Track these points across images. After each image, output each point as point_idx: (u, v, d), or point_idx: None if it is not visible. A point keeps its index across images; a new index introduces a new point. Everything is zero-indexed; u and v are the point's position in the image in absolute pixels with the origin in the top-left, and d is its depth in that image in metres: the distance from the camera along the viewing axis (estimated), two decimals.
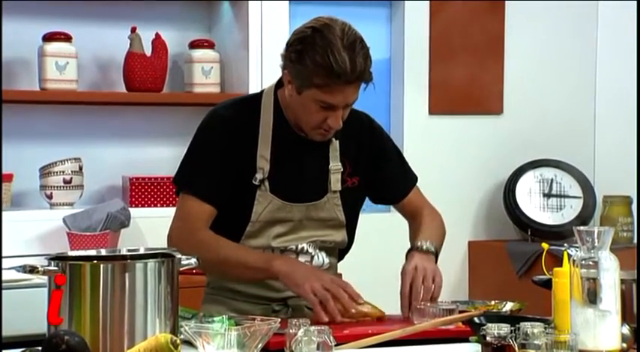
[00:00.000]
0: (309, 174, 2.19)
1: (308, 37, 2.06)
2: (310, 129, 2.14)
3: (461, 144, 3.96)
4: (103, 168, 3.53)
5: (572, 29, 4.07)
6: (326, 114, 2.09)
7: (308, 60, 2.04)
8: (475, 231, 4.00)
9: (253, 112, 2.17)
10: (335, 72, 2.01)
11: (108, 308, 1.62)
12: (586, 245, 1.74)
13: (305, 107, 2.10)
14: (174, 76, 3.61)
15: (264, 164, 2.13)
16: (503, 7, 3.97)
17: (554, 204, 3.89)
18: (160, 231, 3.40)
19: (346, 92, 2.06)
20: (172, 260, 1.69)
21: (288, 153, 2.17)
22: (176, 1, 3.63)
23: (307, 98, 2.08)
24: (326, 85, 2.03)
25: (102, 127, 3.57)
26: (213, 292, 2.24)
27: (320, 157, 2.20)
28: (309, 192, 2.18)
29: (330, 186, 2.20)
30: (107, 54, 3.54)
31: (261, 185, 2.13)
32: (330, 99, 2.06)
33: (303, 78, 2.06)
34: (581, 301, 1.73)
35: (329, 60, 2.01)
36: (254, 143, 2.14)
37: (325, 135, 2.15)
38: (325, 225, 2.21)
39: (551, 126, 4.05)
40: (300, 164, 2.18)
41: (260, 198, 2.14)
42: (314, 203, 2.18)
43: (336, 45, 2.02)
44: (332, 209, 2.20)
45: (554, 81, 4.07)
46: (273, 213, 2.15)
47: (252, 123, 2.16)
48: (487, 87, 3.98)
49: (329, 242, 2.23)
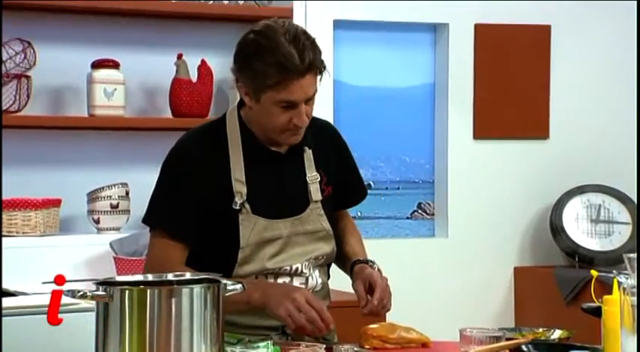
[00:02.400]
0: (289, 187, 2.16)
1: (251, 41, 2.07)
2: (279, 134, 2.10)
3: (506, 169, 3.93)
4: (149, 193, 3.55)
5: (618, 52, 4.04)
6: (290, 115, 2.06)
7: (256, 63, 2.02)
8: (521, 257, 3.96)
9: (219, 137, 2.14)
10: (285, 67, 1.99)
11: (155, 333, 1.63)
12: (636, 272, 1.71)
13: (267, 113, 2.07)
14: (220, 102, 3.64)
15: (240, 187, 2.10)
16: (549, 31, 3.95)
17: (602, 230, 3.84)
18: None
19: (303, 85, 2.02)
20: (218, 285, 1.70)
21: (264, 171, 2.14)
22: (221, 28, 3.67)
23: (267, 102, 2.05)
24: (280, 82, 2.01)
25: (148, 152, 3.60)
26: None
27: (296, 169, 2.17)
28: (291, 206, 2.15)
29: (310, 196, 2.17)
30: (154, 80, 3.58)
31: (242, 208, 2.10)
32: (288, 96, 2.03)
33: (257, 82, 2.04)
34: (631, 329, 1.70)
35: (276, 57, 1.99)
36: (226, 169, 2.11)
37: (295, 135, 2.11)
38: (314, 238, 2.18)
39: (599, 150, 4.01)
40: (278, 179, 2.15)
41: (244, 221, 2.10)
42: (298, 217, 2.15)
43: (280, 41, 2.01)
44: (316, 220, 2.17)
45: (601, 104, 4.03)
46: (261, 233, 2.11)
47: (220, 149, 2.12)
48: (533, 111, 3.95)
49: (321, 256, 2.19)
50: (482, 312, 3.85)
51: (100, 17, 3.48)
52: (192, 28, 3.63)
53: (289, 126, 2.08)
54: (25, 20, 3.34)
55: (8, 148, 3.22)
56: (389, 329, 2.11)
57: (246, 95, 2.10)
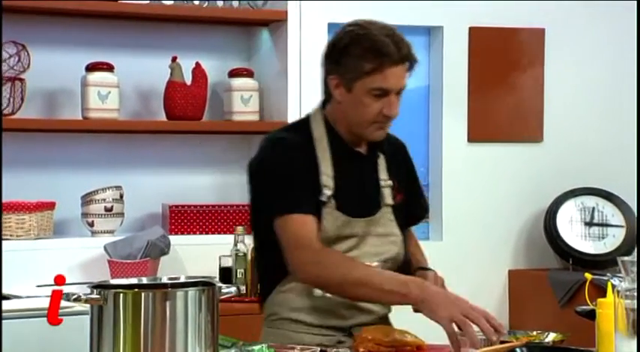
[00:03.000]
0: (367, 188, 2.22)
1: (347, 32, 2.16)
2: (367, 126, 2.16)
3: (500, 172, 3.94)
4: (143, 196, 3.56)
5: (613, 54, 4.04)
6: (381, 104, 2.12)
7: (354, 50, 2.11)
8: (515, 260, 3.96)
9: (306, 134, 2.20)
10: (382, 53, 2.08)
11: (149, 337, 1.63)
12: (630, 275, 1.72)
13: (358, 103, 2.13)
14: (214, 105, 3.64)
15: (328, 181, 2.16)
16: (543, 34, 3.96)
17: (596, 233, 3.85)
18: (199, 258, 3.44)
19: (397, 74, 2.11)
20: (213, 288, 1.70)
21: (347, 169, 2.19)
22: (216, 31, 3.67)
23: (359, 92, 2.12)
24: (376, 68, 2.09)
25: (142, 155, 3.60)
26: (273, 324, 2.20)
27: (372, 172, 2.24)
28: (366, 207, 2.21)
29: (383, 200, 2.22)
30: (148, 83, 3.58)
31: (327, 202, 2.15)
32: (383, 83, 2.10)
33: (353, 70, 2.11)
34: (625, 333, 1.70)
35: (373, 44, 2.09)
36: (315, 162, 2.17)
37: (381, 130, 2.17)
38: (385, 241, 2.22)
39: (593, 153, 4.01)
40: (358, 178, 2.21)
41: (327, 215, 2.15)
42: (371, 218, 2.20)
43: (375, 32, 2.12)
44: (387, 224, 2.22)
45: (595, 108, 4.04)
46: (339, 229, 2.16)
47: (309, 144, 2.19)
48: (527, 114, 3.95)
49: (390, 259, 2.22)
50: None
51: (94, 20, 3.48)
52: (186, 31, 3.63)
53: (379, 117, 2.14)
54: (19, 23, 3.34)
55: (2, 151, 3.21)
56: (383, 332, 2.10)
57: (337, 88, 2.16)
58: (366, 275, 2.06)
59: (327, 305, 2.16)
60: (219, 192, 3.70)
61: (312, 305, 2.16)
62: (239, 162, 3.76)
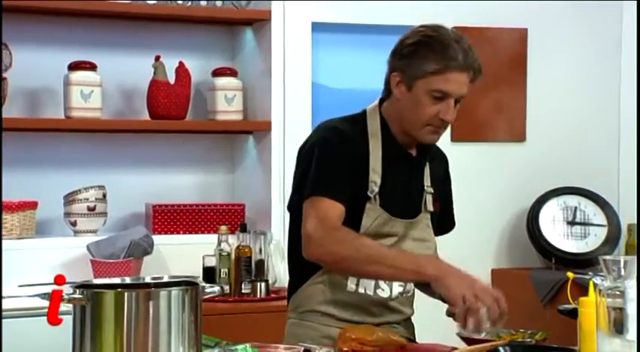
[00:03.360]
0: (412, 191, 2.24)
1: (418, 32, 2.18)
2: (421, 127, 2.17)
3: (483, 172, 3.95)
4: (127, 196, 3.55)
5: (595, 55, 4.06)
6: (438, 107, 2.14)
7: (423, 50, 2.14)
8: (498, 259, 3.98)
9: (362, 128, 2.22)
10: (450, 55, 2.11)
11: (132, 337, 1.62)
12: (612, 274, 1.73)
13: (417, 103, 2.15)
14: (198, 104, 3.63)
15: (376, 178, 2.17)
16: (526, 34, 3.97)
17: (578, 232, 3.87)
18: (183, 257, 3.44)
19: (459, 80, 2.13)
20: (196, 288, 1.69)
21: (395, 169, 2.21)
22: (199, 30, 3.66)
23: (419, 91, 2.14)
24: (441, 70, 2.11)
25: (125, 155, 3.59)
26: (301, 316, 2.21)
27: (418, 176, 2.26)
28: (409, 209, 2.22)
29: (424, 205, 2.25)
30: (131, 82, 3.57)
31: (372, 198, 2.16)
32: (444, 86, 2.12)
33: (417, 68, 2.13)
34: (607, 331, 1.71)
35: (442, 47, 2.12)
36: (366, 157, 2.18)
37: (435, 134, 2.19)
38: (421, 246, 2.23)
39: (575, 153, 4.04)
40: (406, 180, 2.23)
41: (369, 211, 2.16)
42: (412, 220, 2.22)
43: (447, 36, 2.15)
44: (425, 229, 2.25)
45: (577, 108, 4.06)
46: (380, 226, 2.17)
47: (364, 139, 2.20)
48: (510, 114, 3.97)
49: None
50: None
51: (77, 19, 3.47)
52: (169, 30, 3.62)
53: (434, 120, 2.15)
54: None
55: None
56: (367, 331, 2.11)
57: (398, 85, 2.17)
58: (379, 252, 2.08)
59: (358, 301, 2.17)
60: (203, 192, 3.69)
61: (343, 300, 2.17)
62: (223, 161, 3.76)
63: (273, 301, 3.27)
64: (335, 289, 2.17)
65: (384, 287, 2.18)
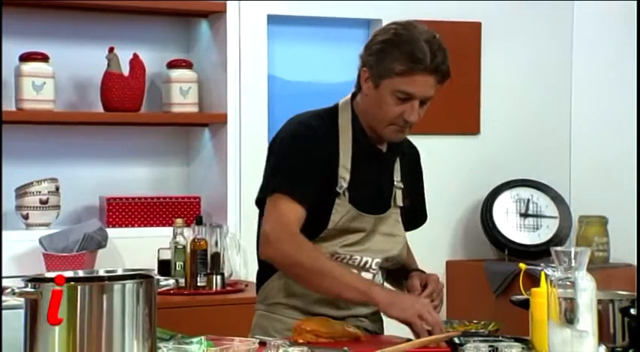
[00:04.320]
0: (381, 186, 2.24)
1: (390, 29, 2.16)
2: (385, 126, 2.17)
3: (438, 165, 3.97)
4: (80, 189, 3.51)
5: (547, 50, 4.12)
6: (403, 108, 2.14)
7: (391, 49, 2.12)
8: (453, 251, 4.01)
9: (333, 123, 2.22)
10: (417, 58, 2.10)
11: (85, 331, 1.61)
12: (563, 265, 1.75)
13: (382, 101, 2.15)
14: (152, 96, 3.61)
15: (345, 174, 2.18)
16: (479, 28, 4.01)
17: (530, 224, 3.92)
18: (138, 251, 3.41)
19: (425, 82, 2.13)
20: (151, 281, 1.69)
21: (365, 165, 2.21)
22: (154, 22, 3.63)
23: (385, 90, 2.14)
24: (407, 71, 2.11)
25: (79, 147, 3.55)
26: (268, 308, 2.22)
27: (389, 171, 2.26)
28: (378, 205, 2.23)
29: (394, 201, 2.25)
30: (84, 74, 3.53)
31: (341, 194, 2.17)
32: (409, 88, 2.12)
33: (384, 67, 2.13)
34: (558, 321, 1.73)
35: (411, 48, 2.10)
36: (336, 153, 2.18)
37: (399, 133, 2.19)
38: (390, 241, 2.25)
39: (528, 146, 4.09)
40: (374, 176, 2.23)
41: (338, 206, 2.17)
42: (381, 216, 2.23)
43: (417, 37, 2.12)
44: (394, 224, 2.26)
45: (530, 102, 4.11)
46: (348, 222, 2.18)
47: (334, 134, 2.20)
48: (464, 107, 4.00)
49: (392, 258, 2.25)
50: None
51: (29, 9, 3.42)
52: (123, 22, 3.58)
53: (398, 120, 2.15)
54: None
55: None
56: (322, 323, 2.12)
57: (366, 81, 2.17)
58: (332, 267, 2.11)
59: (326, 295, 2.18)
60: (158, 184, 3.67)
61: (310, 293, 2.18)
62: (178, 154, 3.74)
63: (228, 294, 3.26)
64: None
65: None
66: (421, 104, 2.17)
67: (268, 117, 3.65)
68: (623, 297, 1.95)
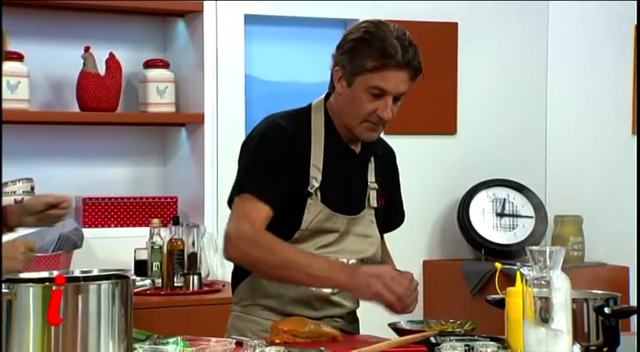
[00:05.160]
0: (354, 187, 2.24)
1: (361, 27, 2.18)
2: (359, 124, 2.18)
3: (415, 164, 3.99)
4: (56, 189, 3.47)
5: (523, 51, 4.14)
6: (376, 105, 2.15)
7: (363, 46, 2.14)
8: (430, 251, 4.03)
9: (305, 123, 2.22)
10: (388, 54, 2.11)
11: (60, 331, 1.60)
12: (538, 264, 1.76)
13: (355, 99, 2.16)
14: (129, 96, 3.59)
15: (317, 174, 2.18)
16: (456, 29, 4.02)
17: (507, 224, 3.94)
18: (114, 251, 3.40)
19: (398, 78, 2.14)
20: (127, 281, 1.68)
21: (338, 165, 2.21)
22: (130, 21, 3.62)
23: (358, 88, 2.15)
24: (379, 67, 2.12)
25: (54, 147, 3.53)
26: (243, 310, 2.22)
27: (362, 172, 2.26)
28: (352, 205, 2.23)
29: (368, 201, 2.25)
30: (60, 73, 3.51)
31: (313, 194, 2.17)
32: (382, 84, 2.13)
33: (357, 64, 2.14)
34: (533, 320, 1.75)
35: (382, 44, 2.12)
36: (308, 153, 2.19)
37: (373, 131, 2.19)
38: (364, 242, 2.25)
39: (504, 146, 4.11)
40: (348, 176, 2.23)
41: (311, 206, 2.17)
42: (355, 216, 2.23)
43: (388, 34, 2.14)
44: (368, 225, 2.25)
45: (506, 102, 4.13)
46: (321, 222, 2.18)
47: (306, 134, 2.21)
48: (440, 107, 4.02)
49: (367, 259, 2.25)
50: None
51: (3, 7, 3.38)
52: (100, 21, 3.57)
53: (372, 117, 2.16)
54: None
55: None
56: (299, 323, 2.12)
57: (340, 80, 2.18)
58: (294, 258, 2.10)
59: (300, 295, 2.18)
60: (134, 184, 3.65)
61: (285, 294, 2.18)
62: (155, 153, 3.73)
63: (205, 294, 3.26)
64: (277, 283, 2.18)
65: None
66: (395, 100, 2.18)
67: (245, 117, 3.65)
68: (598, 296, 1.97)
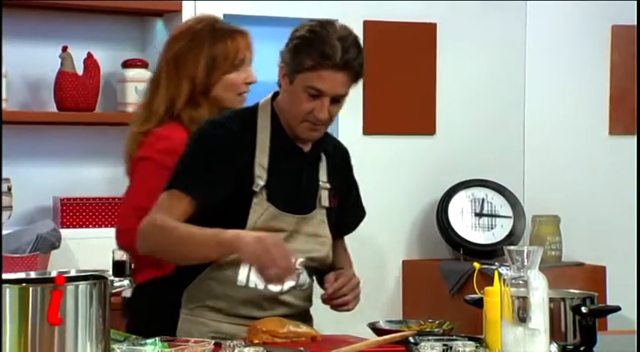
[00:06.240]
0: (303, 186, 2.23)
1: (307, 26, 2.18)
2: (298, 123, 2.17)
3: (395, 164, 4.00)
4: (33, 189, 3.47)
5: (502, 51, 4.16)
6: (313, 104, 2.14)
7: (304, 45, 2.15)
8: (409, 251, 4.04)
9: (251, 122, 2.21)
10: (326, 53, 2.11)
11: (37, 332, 1.59)
12: (516, 264, 1.77)
13: (295, 97, 2.16)
14: (107, 96, 3.57)
15: (261, 172, 2.17)
16: (434, 29, 4.03)
17: (485, 224, 3.95)
18: (92, 252, 3.38)
19: (335, 79, 2.13)
20: (104, 282, 1.67)
21: (285, 163, 2.20)
22: (108, 20, 3.60)
23: (298, 86, 2.15)
24: (315, 67, 2.12)
25: (32, 147, 3.51)
26: (192, 312, 2.20)
27: (313, 171, 2.25)
28: (301, 205, 2.22)
29: (319, 201, 2.24)
30: (37, 73, 3.49)
31: (258, 193, 2.16)
32: (318, 84, 2.12)
33: (297, 62, 2.14)
34: (511, 320, 1.75)
35: (322, 44, 2.12)
36: (252, 152, 2.18)
37: (313, 131, 2.18)
38: (313, 241, 2.23)
39: (483, 147, 4.12)
40: (296, 175, 2.22)
41: (256, 205, 2.16)
42: (304, 216, 2.21)
43: (330, 34, 2.14)
44: (319, 225, 2.24)
45: (484, 102, 4.15)
46: (268, 222, 2.17)
47: (251, 133, 2.20)
48: (419, 107, 4.03)
49: (316, 259, 2.24)
50: (372, 305, 3.90)
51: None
52: (77, 20, 3.55)
53: (309, 116, 2.15)
54: None
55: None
56: (278, 323, 2.12)
57: (284, 77, 2.18)
58: (187, 233, 2.09)
59: (249, 296, 2.17)
60: (113, 185, 3.63)
61: (233, 295, 2.17)
62: None
63: None
64: (225, 284, 2.17)
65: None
66: (334, 102, 2.16)
67: None
68: (575, 296, 1.98)
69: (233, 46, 2.49)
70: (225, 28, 2.52)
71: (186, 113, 2.43)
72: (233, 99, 2.47)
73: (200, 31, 2.49)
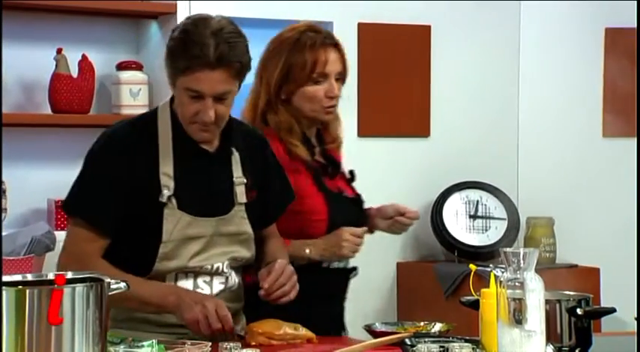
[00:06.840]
0: (216, 186, 2.16)
1: (181, 26, 2.11)
2: (187, 125, 2.12)
3: (389, 167, 4.01)
4: (28, 191, 3.46)
5: (496, 53, 4.17)
6: (197, 107, 2.07)
7: (177, 47, 2.07)
8: (404, 253, 4.04)
9: (150, 129, 2.14)
10: (196, 55, 2.02)
11: (34, 335, 1.59)
12: (512, 266, 1.78)
13: (180, 101, 2.11)
14: (102, 98, 3.57)
15: (167, 181, 2.10)
16: (429, 31, 4.04)
17: (479, 226, 3.96)
18: None
19: (212, 78, 2.04)
20: (101, 284, 1.67)
21: (192, 167, 2.14)
22: (103, 22, 3.60)
23: (180, 89, 2.09)
24: (188, 68, 2.04)
25: (27, 149, 3.50)
26: (121, 325, 2.14)
27: (224, 169, 2.18)
28: (217, 206, 2.16)
29: (236, 198, 2.17)
30: (32, 75, 3.48)
31: (168, 203, 2.10)
32: (195, 86, 2.05)
33: (173, 66, 2.08)
34: (507, 321, 1.76)
35: (192, 43, 2.03)
36: (155, 161, 2.11)
37: (204, 132, 2.12)
38: (235, 240, 2.18)
39: (477, 149, 4.13)
40: (205, 177, 2.16)
41: (169, 216, 2.10)
42: (222, 217, 2.15)
43: (203, 32, 2.04)
44: (240, 222, 2.18)
45: (478, 104, 4.16)
46: (185, 229, 2.11)
47: (151, 141, 2.13)
48: (414, 110, 4.04)
49: (240, 259, 2.20)
50: (367, 308, 3.91)
51: None
52: (72, 22, 3.54)
53: (196, 118, 2.08)
54: None
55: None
56: (274, 325, 2.12)
57: (169, 80, 2.12)
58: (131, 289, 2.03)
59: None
60: None
61: None
62: None
63: None
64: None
65: (203, 286, 2.15)
66: (219, 100, 2.08)
67: None
68: (570, 297, 1.98)
69: (311, 58, 2.42)
70: (312, 38, 2.45)
71: (270, 118, 2.43)
72: (315, 110, 2.43)
73: (287, 38, 2.46)
